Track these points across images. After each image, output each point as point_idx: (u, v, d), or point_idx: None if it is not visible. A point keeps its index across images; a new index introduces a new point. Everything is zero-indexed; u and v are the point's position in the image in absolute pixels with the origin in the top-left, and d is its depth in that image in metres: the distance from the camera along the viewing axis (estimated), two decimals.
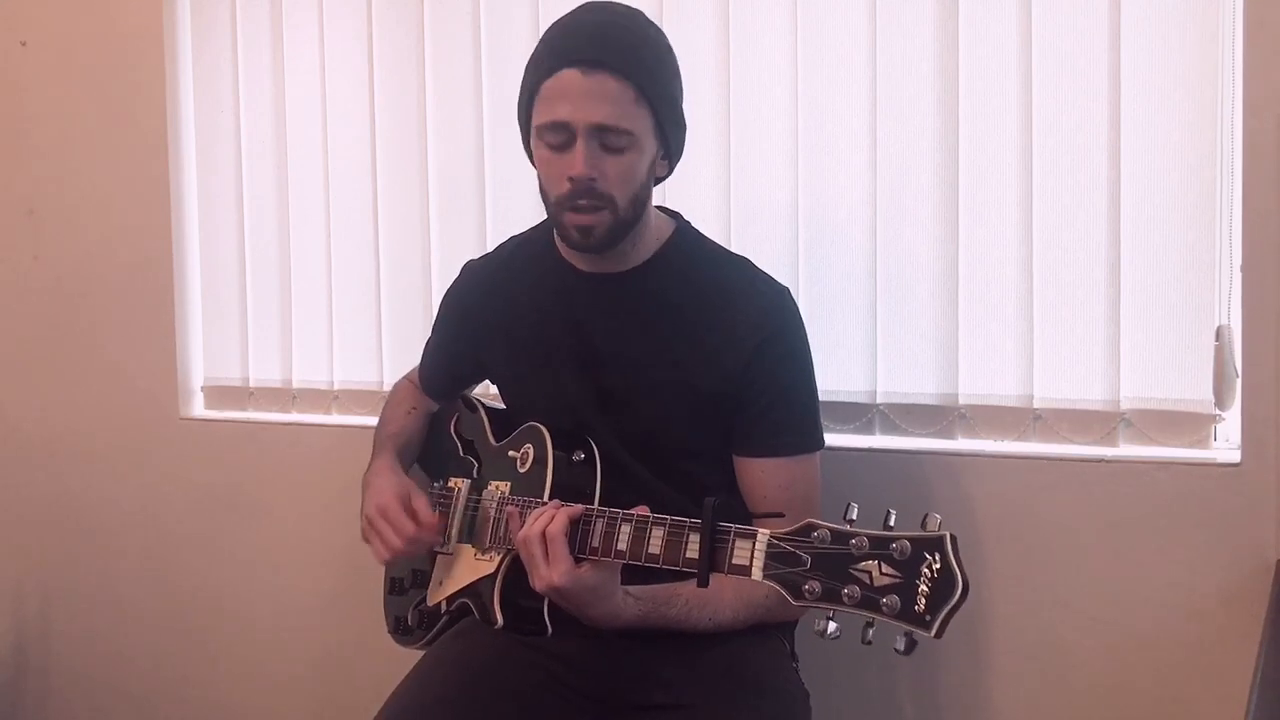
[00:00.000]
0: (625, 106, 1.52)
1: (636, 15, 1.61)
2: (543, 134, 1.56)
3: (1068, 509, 1.82)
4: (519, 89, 1.62)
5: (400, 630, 1.82)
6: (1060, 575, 1.83)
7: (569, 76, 1.52)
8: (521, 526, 1.49)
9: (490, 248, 1.92)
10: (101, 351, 2.69)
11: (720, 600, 1.57)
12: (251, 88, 2.51)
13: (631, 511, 1.44)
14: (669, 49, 1.61)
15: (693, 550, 1.37)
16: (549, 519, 1.46)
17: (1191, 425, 1.76)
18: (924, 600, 1.20)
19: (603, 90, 1.51)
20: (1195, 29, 1.72)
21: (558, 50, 1.55)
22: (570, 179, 1.53)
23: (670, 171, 1.66)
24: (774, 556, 1.30)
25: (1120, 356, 1.79)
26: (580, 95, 1.51)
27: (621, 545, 1.43)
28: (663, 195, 1.98)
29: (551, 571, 1.44)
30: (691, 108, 1.66)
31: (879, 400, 1.95)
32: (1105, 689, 1.81)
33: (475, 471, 1.75)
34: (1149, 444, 1.79)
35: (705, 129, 2.02)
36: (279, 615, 2.53)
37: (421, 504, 1.68)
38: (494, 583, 1.62)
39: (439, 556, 1.75)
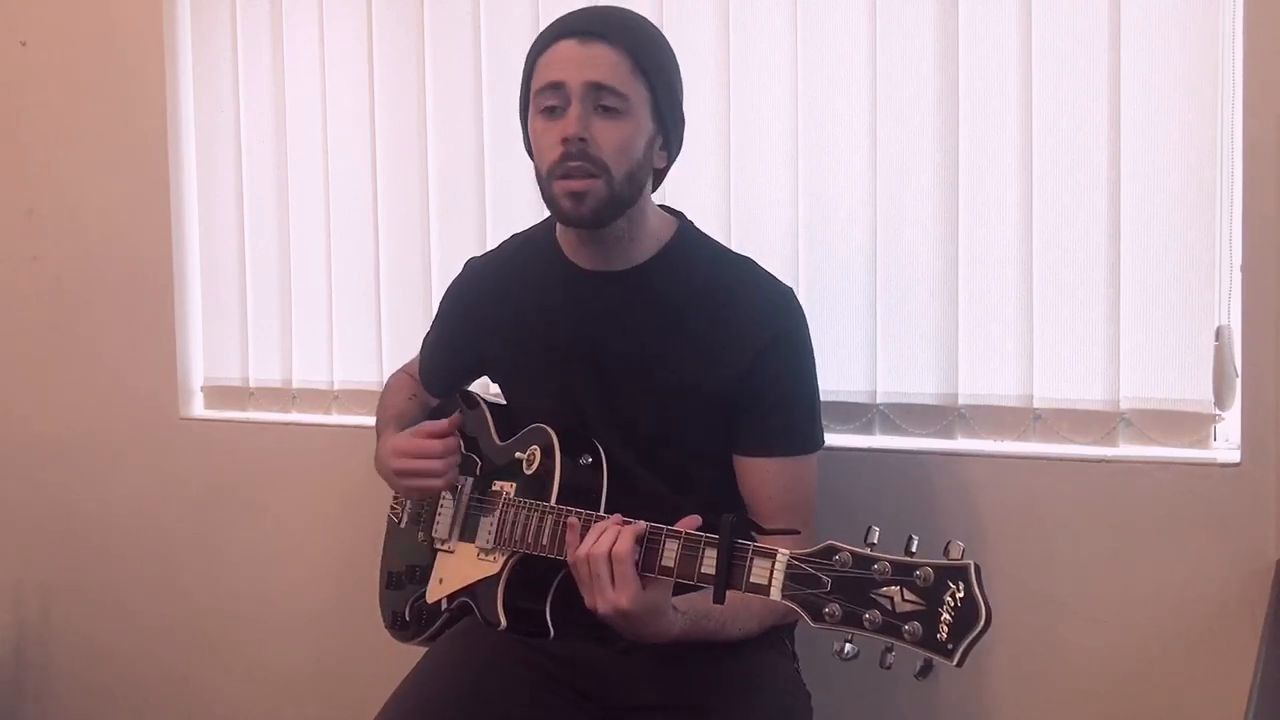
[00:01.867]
0: (621, 72, 1.53)
1: (635, 12, 1.65)
2: (539, 99, 1.56)
3: (1068, 509, 1.82)
4: (520, 83, 1.63)
5: (397, 625, 1.82)
6: (1060, 575, 1.83)
7: (565, 45, 1.55)
8: (580, 541, 1.44)
9: (490, 247, 1.92)
10: (101, 351, 2.69)
11: (750, 611, 1.55)
12: (251, 88, 2.51)
13: (678, 528, 1.41)
14: (667, 43, 1.63)
15: (708, 566, 1.36)
16: (614, 537, 1.41)
17: (1191, 425, 1.76)
18: (947, 629, 1.20)
19: (599, 55, 1.53)
20: (1195, 29, 1.72)
21: (554, 27, 1.58)
22: (563, 140, 1.53)
23: (669, 164, 1.66)
24: (794, 577, 1.29)
25: (1120, 356, 1.79)
26: (576, 59, 1.53)
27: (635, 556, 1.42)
28: (663, 195, 1.98)
29: (619, 595, 1.40)
30: (691, 108, 1.66)
31: (879, 400, 1.95)
32: (1105, 689, 1.81)
33: (478, 470, 1.75)
34: (1149, 444, 1.79)
35: (705, 129, 2.02)
36: (279, 615, 2.53)
37: (429, 425, 1.70)
38: (497, 584, 1.61)
39: (439, 554, 1.75)
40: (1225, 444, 1.76)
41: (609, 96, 1.53)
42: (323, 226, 2.44)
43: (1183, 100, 1.73)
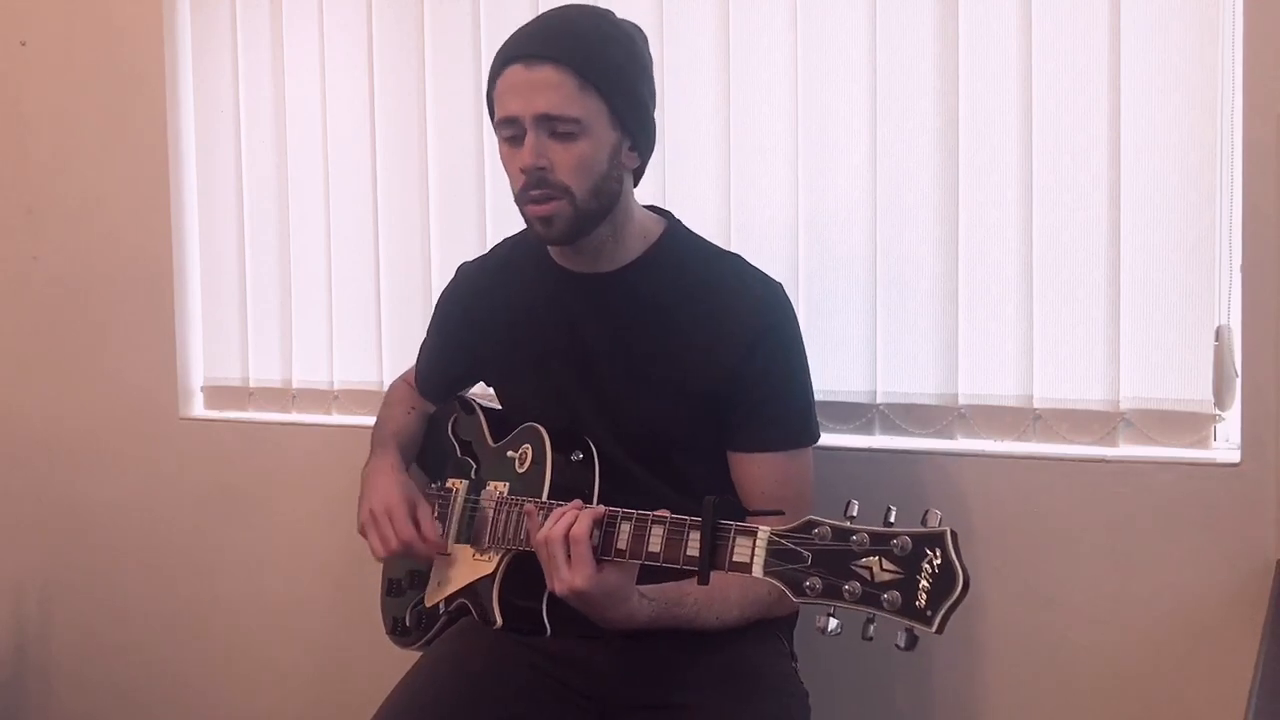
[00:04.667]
0: (568, 94, 1.54)
1: (593, 12, 1.64)
2: (499, 131, 1.59)
3: (1068, 509, 1.82)
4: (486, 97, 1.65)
5: (398, 631, 1.82)
6: (1060, 575, 1.83)
7: (513, 72, 1.56)
8: (541, 526, 1.47)
9: (489, 248, 1.92)
10: (101, 351, 2.69)
11: (727, 598, 1.56)
12: (251, 88, 2.51)
13: (647, 512, 1.43)
14: (628, 39, 1.61)
15: (693, 548, 1.37)
16: (571, 520, 1.44)
17: (1191, 425, 1.76)
18: (925, 596, 1.21)
19: (544, 80, 1.53)
20: (1195, 29, 1.72)
21: (505, 49, 1.59)
22: (523, 171, 1.56)
23: (642, 163, 1.66)
24: (775, 553, 1.30)
25: (1120, 356, 1.79)
26: (524, 88, 1.54)
27: (621, 544, 1.43)
28: (663, 196, 1.98)
29: (574, 575, 1.43)
30: (692, 108, 1.66)
31: (879, 400, 1.95)
32: (1104, 689, 1.81)
33: (473, 472, 1.75)
34: (1149, 444, 1.79)
35: (705, 129, 2.02)
36: (279, 615, 2.53)
37: (426, 514, 1.69)
38: (493, 583, 1.62)
39: (437, 557, 1.75)
40: (1225, 444, 1.76)
41: (559, 124, 1.54)
42: (323, 226, 2.44)
43: (1183, 100, 1.73)
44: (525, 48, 1.56)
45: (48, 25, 2.70)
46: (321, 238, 2.44)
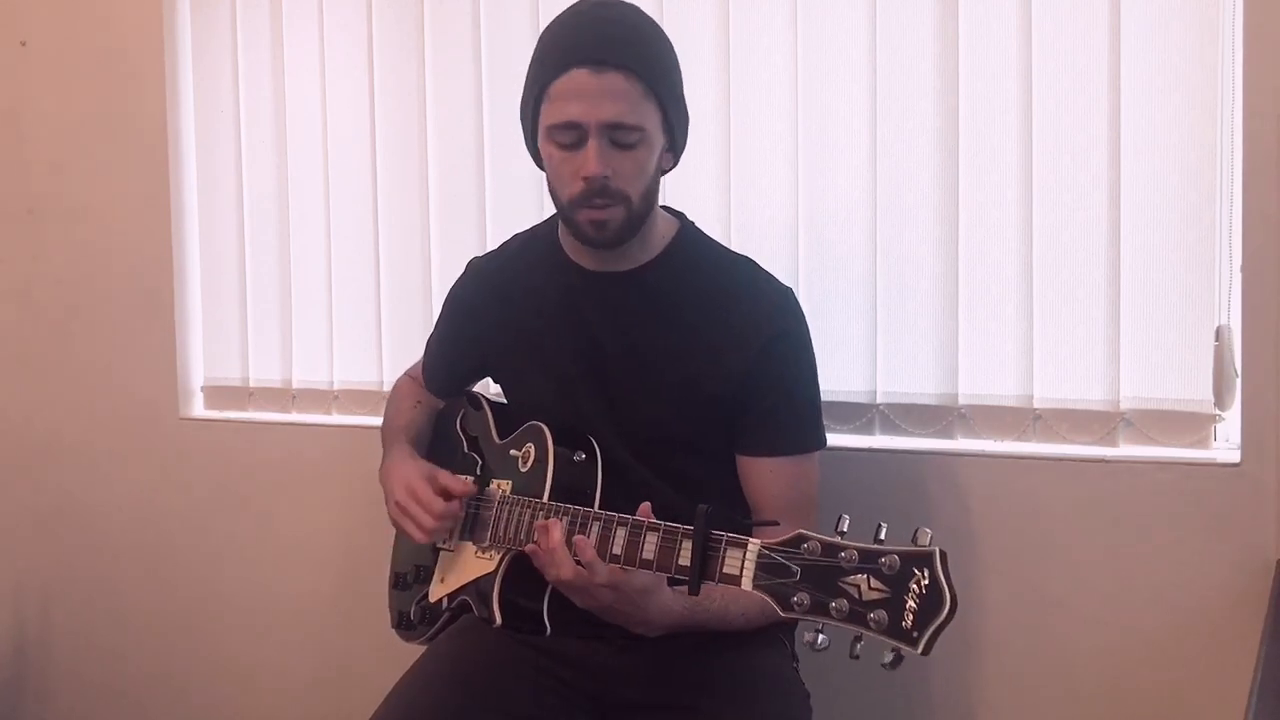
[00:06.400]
0: (635, 103, 1.53)
1: (636, 10, 1.63)
2: (553, 134, 1.56)
3: (1068, 509, 1.82)
4: (524, 89, 1.62)
5: (403, 625, 1.82)
6: (1060, 575, 1.83)
7: (579, 76, 1.53)
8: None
9: (490, 247, 1.92)
10: (101, 352, 2.69)
11: (750, 596, 1.56)
12: (251, 88, 2.51)
13: (627, 516, 1.44)
14: (668, 41, 1.63)
15: (685, 558, 1.37)
16: (550, 534, 1.47)
17: (1191, 425, 1.76)
18: (911, 616, 1.20)
19: (613, 88, 1.52)
20: (1195, 29, 1.72)
21: (566, 49, 1.55)
22: (585, 179, 1.54)
23: (675, 163, 1.67)
24: (764, 567, 1.30)
25: (1120, 356, 1.79)
26: (591, 94, 1.52)
27: (616, 550, 1.43)
28: (662, 195, 1.98)
29: (561, 569, 1.45)
30: (691, 107, 1.66)
31: (879, 400, 1.95)
32: (1104, 689, 1.81)
33: (478, 469, 1.75)
34: (1149, 444, 1.79)
35: (705, 129, 2.02)
36: (279, 615, 2.53)
37: (448, 478, 1.68)
38: (494, 581, 1.62)
39: (441, 553, 1.75)
40: (1225, 444, 1.76)
41: (625, 133, 1.53)
42: (323, 226, 2.44)
43: (1183, 100, 1.73)
44: (593, 52, 1.53)
45: (48, 25, 2.70)
46: (321, 238, 2.45)
